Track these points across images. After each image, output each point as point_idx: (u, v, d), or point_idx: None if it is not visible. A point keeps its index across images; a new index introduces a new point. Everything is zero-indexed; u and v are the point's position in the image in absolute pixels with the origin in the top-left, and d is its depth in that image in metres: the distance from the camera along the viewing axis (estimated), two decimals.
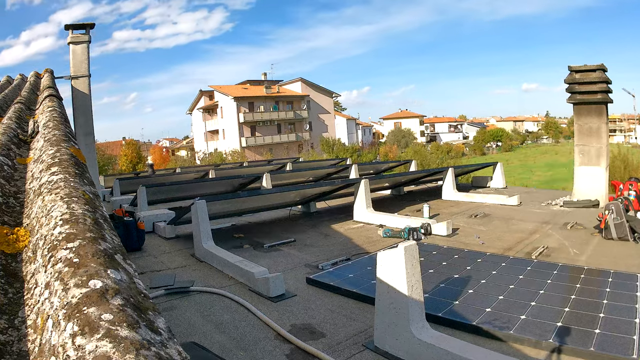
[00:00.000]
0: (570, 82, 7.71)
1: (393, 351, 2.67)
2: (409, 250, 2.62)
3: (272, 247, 5.51)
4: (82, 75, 8.56)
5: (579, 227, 5.89)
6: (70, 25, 8.60)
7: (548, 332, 2.79)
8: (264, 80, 47.92)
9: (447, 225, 5.84)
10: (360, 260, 4.69)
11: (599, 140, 7.61)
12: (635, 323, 2.84)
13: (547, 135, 75.47)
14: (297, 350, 2.83)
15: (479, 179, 10.67)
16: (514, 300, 3.38)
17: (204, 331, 3.15)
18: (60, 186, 1.15)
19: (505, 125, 78.74)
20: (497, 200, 8.10)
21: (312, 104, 47.06)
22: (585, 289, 3.54)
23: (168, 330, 0.67)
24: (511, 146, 62.95)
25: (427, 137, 67.97)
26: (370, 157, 33.59)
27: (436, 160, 26.69)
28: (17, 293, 0.87)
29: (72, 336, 0.58)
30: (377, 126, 71.22)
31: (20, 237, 1.05)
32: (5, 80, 6.16)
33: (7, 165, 1.59)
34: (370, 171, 13.35)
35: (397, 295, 2.62)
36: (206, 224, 5.18)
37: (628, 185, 6.26)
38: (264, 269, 4.08)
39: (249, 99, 43.31)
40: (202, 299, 3.80)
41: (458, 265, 4.32)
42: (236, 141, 41.25)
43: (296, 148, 43.28)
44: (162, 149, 48.63)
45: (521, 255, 4.75)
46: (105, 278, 0.69)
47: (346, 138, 49.27)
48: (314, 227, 6.65)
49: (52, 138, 1.82)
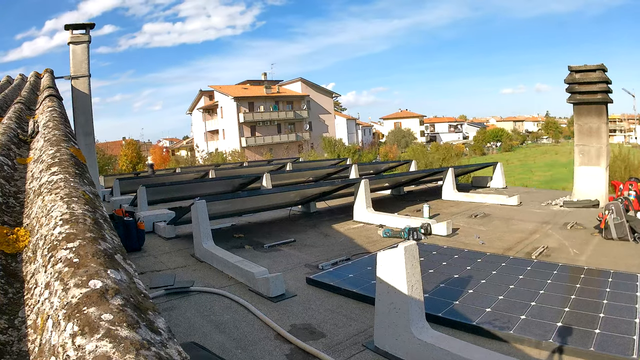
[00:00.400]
0: (570, 82, 7.71)
1: (393, 351, 2.67)
2: (409, 250, 2.62)
3: (272, 247, 5.51)
4: (82, 75, 8.56)
5: (579, 227, 5.89)
6: (70, 25, 8.60)
7: (548, 332, 2.79)
8: (264, 80, 47.94)
9: (447, 225, 5.84)
10: (360, 260, 4.69)
11: (599, 140, 7.61)
12: (635, 323, 2.84)
13: (547, 135, 75.46)
14: (297, 350, 2.83)
15: (479, 179, 10.67)
16: (514, 300, 3.38)
17: (204, 331, 3.15)
18: (60, 186, 1.15)
19: (505, 125, 78.75)
20: (497, 200, 8.10)
21: (312, 104, 47.07)
22: (585, 289, 3.54)
23: (168, 330, 0.67)
24: (511, 146, 62.95)
25: (427, 137, 67.98)
26: (370, 157, 33.62)
27: (436, 161, 26.69)
28: (17, 293, 0.87)
29: (72, 336, 0.58)
30: (377, 126, 71.24)
31: (20, 237, 1.05)
32: (5, 80, 6.16)
33: (7, 165, 1.59)
34: (370, 171, 13.35)
35: (397, 295, 2.62)
36: (206, 224, 5.18)
37: (628, 185, 6.26)
38: (264, 269, 4.08)
39: (249, 99, 43.32)
40: (202, 299, 3.80)
41: (458, 265, 4.32)
42: (236, 141, 41.26)
43: (296, 148, 43.29)
44: (162, 149, 48.59)
45: (521, 255, 4.75)
46: (105, 278, 0.69)
47: (346, 138, 49.27)
48: (314, 227, 6.65)
49: (52, 138, 1.82)
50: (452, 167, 9.47)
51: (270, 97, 44.40)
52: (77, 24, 8.66)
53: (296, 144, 44.68)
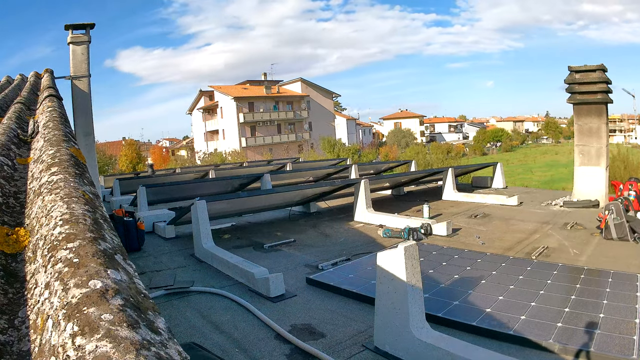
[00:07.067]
0: (570, 82, 7.71)
1: (393, 351, 2.67)
2: (409, 250, 2.62)
3: (272, 247, 5.51)
4: (82, 75, 8.55)
5: (579, 228, 5.89)
6: (70, 25, 8.58)
7: (548, 333, 2.79)
8: (263, 80, 47.92)
9: (447, 225, 5.84)
10: (360, 260, 4.69)
11: (599, 140, 7.61)
12: (635, 323, 2.84)
13: (547, 135, 75.41)
14: (297, 351, 2.83)
15: (479, 179, 10.67)
16: (514, 300, 3.38)
17: (204, 331, 3.15)
18: (60, 186, 1.15)
19: (505, 125, 78.71)
20: (497, 201, 8.10)
21: (312, 104, 47.05)
22: (585, 289, 3.54)
23: (168, 330, 0.67)
24: (511, 146, 62.91)
25: (427, 137, 67.95)
26: (370, 157, 33.59)
27: (436, 161, 26.68)
28: (17, 293, 0.87)
29: (72, 336, 0.58)
30: (377, 126, 71.23)
31: (20, 237, 1.05)
32: (5, 80, 6.16)
33: (7, 165, 1.59)
34: (371, 171, 13.35)
35: (397, 295, 2.62)
36: (206, 224, 5.18)
37: (628, 186, 6.27)
38: (264, 269, 4.08)
39: (248, 99, 43.29)
40: (202, 299, 3.80)
41: (458, 266, 4.32)
42: (236, 141, 41.23)
43: (296, 148, 43.26)
44: (162, 149, 48.54)
45: (521, 256, 4.74)
46: (105, 278, 0.69)
47: (346, 138, 49.25)
48: (314, 227, 6.65)
49: (52, 138, 1.82)
50: (452, 167, 9.48)
51: (270, 97, 44.36)
52: (77, 24, 8.64)
53: (296, 144, 44.65)
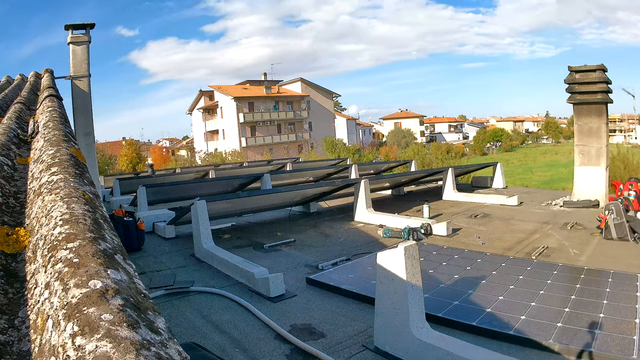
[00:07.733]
0: (570, 82, 7.71)
1: (393, 351, 2.67)
2: (409, 250, 2.62)
3: (272, 247, 5.51)
4: (82, 75, 8.55)
5: (579, 227, 5.89)
6: (70, 25, 8.58)
7: (548, 332, 2.79)
8: (263, 80, 47.91)
9: (447, 225, 5.84)
10: (360, 260, 4.69)
11: (599, 140, 7.61)
12: (635, 323, 2.84)
13: (547, 135, 75.38)
14: (297, 351, 2.83)
15: (479, 179, 10.67)
16: (514, 300, 3.38)
17: (204, 331, 3.15)
18: (60, 186, 1.15)
19: (505, 125, 78.69)
20: (497, 201, 8.10)
21: (312, 104, 47.04)
22: (585, 289, 3.54)
23: (168, 330, 0.67)
24: (511, 146, 62.89)
25: (427, 137, 67.95)
26: (370, 157, 33.56)
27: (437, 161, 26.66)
28: (17, 293, 0.87)
29: (72, 336, 0.58)
30: (377, 126, 71.23)
31: (20, 237, 1.05)
32: (5, 80, 6.16)
33: (7, 165, 1.59)
34: (371, 171, 13.35)
35: (397, 295, 2.62)
36: (206, 224, 5.17)
37: (628, 186, 6.26)
38: (264, 269, 4.08)
39: (248, 99, 43.29)
40: (202, 299, 3.80)
41: (458, 266, 4.32)
42: (236, 141, 41.23)
43: (296, 148, 43.25)
44: (162, 149, 48.56)
45: (521, 256, 4.74)
46: (105, 278, 0.69)
47: (346, 138, 49.23)
48: (314, 227, 6.65)
49: (52, 138, 1.82)
50: (452, 167, 9.48)
51: (270, 97, 44.36)
52: (77, 24, 8.64)
53: (296, 144, 44.64)
